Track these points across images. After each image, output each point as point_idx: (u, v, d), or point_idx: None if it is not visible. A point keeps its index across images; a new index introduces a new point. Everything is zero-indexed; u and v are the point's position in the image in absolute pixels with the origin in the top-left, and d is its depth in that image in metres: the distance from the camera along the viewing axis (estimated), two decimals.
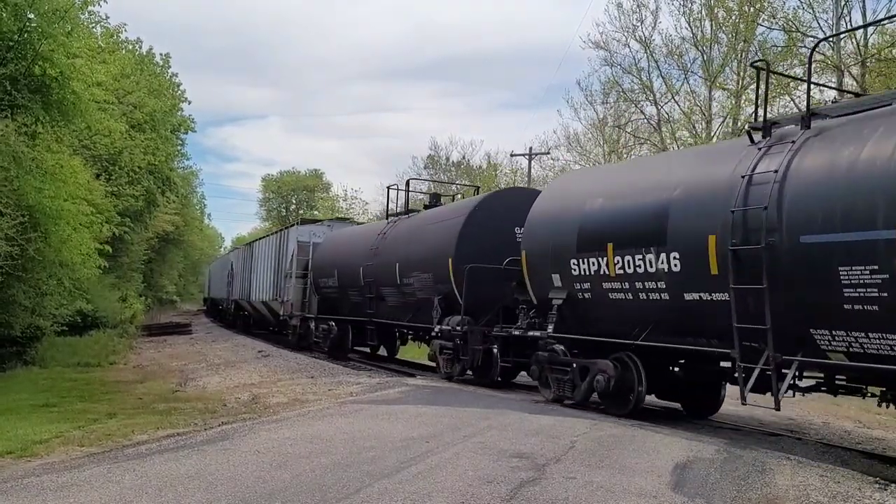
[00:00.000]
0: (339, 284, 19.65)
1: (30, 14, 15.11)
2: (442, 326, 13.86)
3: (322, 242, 22.22)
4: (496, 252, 13.28)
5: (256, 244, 30.01)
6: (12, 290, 16.21)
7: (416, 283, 15.22)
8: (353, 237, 20.76)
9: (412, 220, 17.22)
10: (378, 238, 17.49)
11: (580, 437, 7.93)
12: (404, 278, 15.64)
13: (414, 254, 15.52)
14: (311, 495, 5.43)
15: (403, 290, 15.82)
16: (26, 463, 7.00)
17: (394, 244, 16.70)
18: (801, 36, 24.27)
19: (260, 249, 28.27)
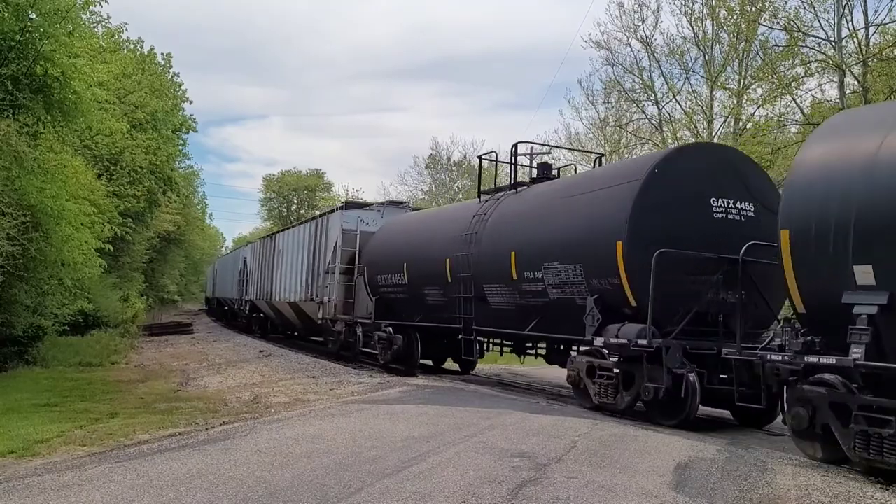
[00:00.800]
0: (410, 282, 15.87)
1: (31, 14, 15.11)
2: (608, 339, 9.98)
3: (378, 231, 18.51)
4: (684, 233, 9.71)
5: (281, 236, 26.23)
6: (14, 289, 16.21)
7: (551, 277, 11.28)
8: (429, 222, 16.77)
9: (533, 192, 13.13)
10: (475, 221, 13.70)
11: (581, 437, 7.93)
12: (527, 272, 11.81)
13: (544, 238, 11.59)
14: (312, 495, 5.43)
15: (524, 287, 11.99)
16: (28, 462, 7.01)
17: (504, 227, 12.90)
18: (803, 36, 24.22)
19: (287, 241, 24.50)
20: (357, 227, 19.02)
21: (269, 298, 26.22)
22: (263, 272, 27.61)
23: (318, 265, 20.20)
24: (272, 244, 26.99)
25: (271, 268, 26.20)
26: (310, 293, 20.61)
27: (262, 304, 28.66)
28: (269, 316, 28.92)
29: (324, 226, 20.29)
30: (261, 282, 28.03)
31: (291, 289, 22.87)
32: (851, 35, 23.33)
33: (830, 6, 23.40)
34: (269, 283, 26.18)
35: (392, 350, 16.23)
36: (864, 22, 23.26)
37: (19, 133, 14.78)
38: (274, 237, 27.48)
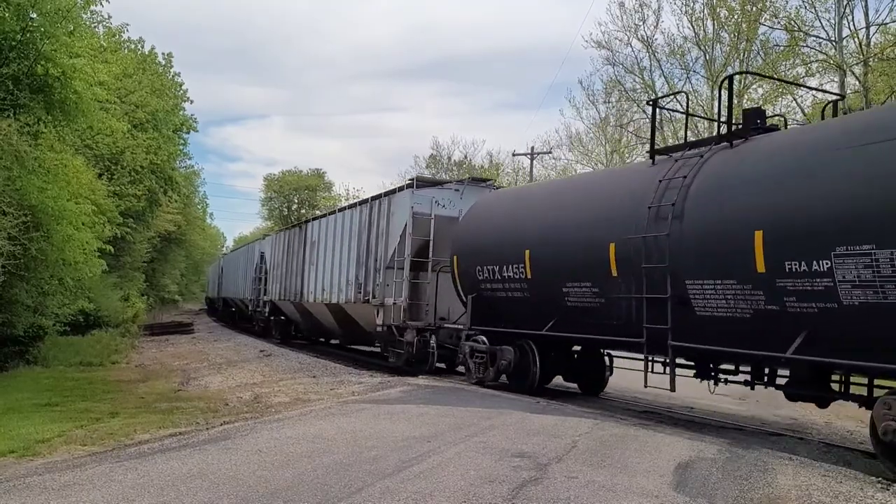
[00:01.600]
0: (535, 277, 11.70)
1: (32, 14, 15.12)
2: None
3: (473, 211, 14.02)
4: None
5: (315, 224, 22.27)
6: (15, 289, 16.23)
7: (853, 269, 7.16)
8: (568, 195, 12.04)
9: (781, 143, 8.75)
10: (663, 188, 9.50)
11: (582, 437, 7.93)
12: (792, 262, 7.70)
13: (834, 208, 7.42)
14: (312, 495, 5.44)
15: (782, 285, 7.83)
16: (29, 462, 7.02)
17: (730, 193, 8.63)
18: (804, 35, 24.23)
19: (324, 231, 20.86)
20: (431, 211, 15.57)
21: (298, 299, 22.71)
22: (290, 268, 24.06)
23: (374, 259, 16.83)
24: (301, 235, 23.35)
25: (301, 263, 22.77)
26: (362, 293, 17.27)
27: (285, 306, 25.25)
28: (294, 320, 25.64)
29: (383, 209, 16.68)
30: (286, 280, 24.39)
31: (332, 288, 19.47)
32: (852, 35, 23.36)
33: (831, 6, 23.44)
34: (299, 281, 22.62)
35: (498, 366, 12.54)
36: (864, 22, 23.31)
37: (20, 133, 14.79)
38: (305, 227, 23.44)
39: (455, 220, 15.24)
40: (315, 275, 21.12)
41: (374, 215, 17.22)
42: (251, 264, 31.91)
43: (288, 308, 25.06)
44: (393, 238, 16.04)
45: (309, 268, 21.90)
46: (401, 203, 16.06)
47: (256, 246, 32.57)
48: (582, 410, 10.31)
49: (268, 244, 29.21)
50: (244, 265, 34.77)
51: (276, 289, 25.97)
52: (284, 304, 25.10)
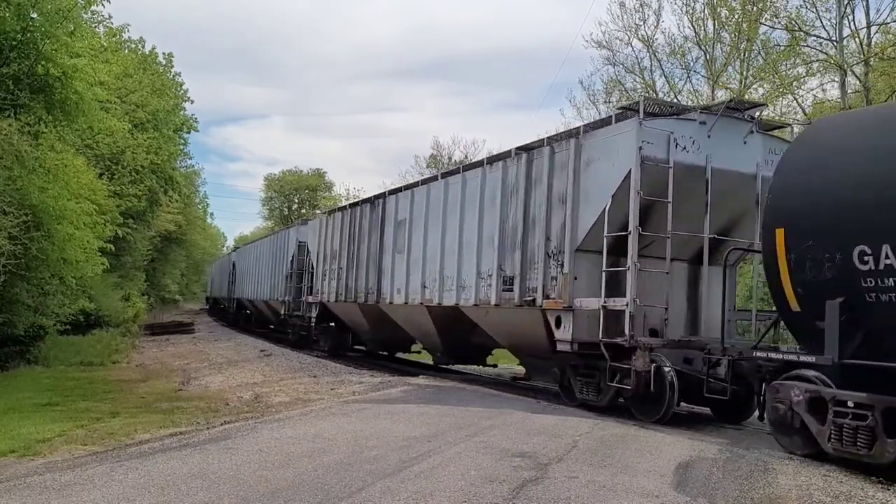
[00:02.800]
0: None
1: (32, 14, 15.13)
2: None
3: (821, 144, 8.19)
4: None
5: (404, 197, 16.29)
6: (15, 288, 16.23)
7: None
8: None
9: None
10: None
11: (582, 437, 7.93)
12: None
13: None
14: (313, 494, 5.44)
15: None
16: (30, 462, 7.02)
17: None
18: (804, 35, 24.21)
19: (425, 202, 15.10)
20: (669, 154, 9.90)
21: (374, 300, 17.01)
22: (354, 260, 18.24)
23: (544, 237, 11.21)
24: (376, 213, 17.44)
25: (377, 252, 17.02)
26: (517, 291, 11.69)
27: (345, 310, 19.32)
28: (356, 327, 19.96)
29: (564, 159, 10.94)
30: (348, 275, 18.58)
31: (445, 284, 14.02)
32: (853, 34, 23.33)
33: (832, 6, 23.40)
34: (374, 276, 17.02)
35: None
36: (865, 21, 23.27)
37: (20, 133, 14.80)
38: (381, 201, 17.30)
39: (700, 170, 10.21)
40: (404, 267, 15.55)
41: (539, 170, 11.45)
42: (282, 258, 25.78)
43: (349, 312, 19.27)
44: (592, 202, 10.40)
45: (392, 258, 16.23)
46: (614, 144, 10.20)
47: (291, 233, 25.45)
48: (582, 411, 10.30)
49: (312, 230, 22.58)
50: (270, 260, 28.14)
51: (329, 287, 19.86)
52: (344, 308, 19.32)
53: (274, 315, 28.99)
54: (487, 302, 12.53)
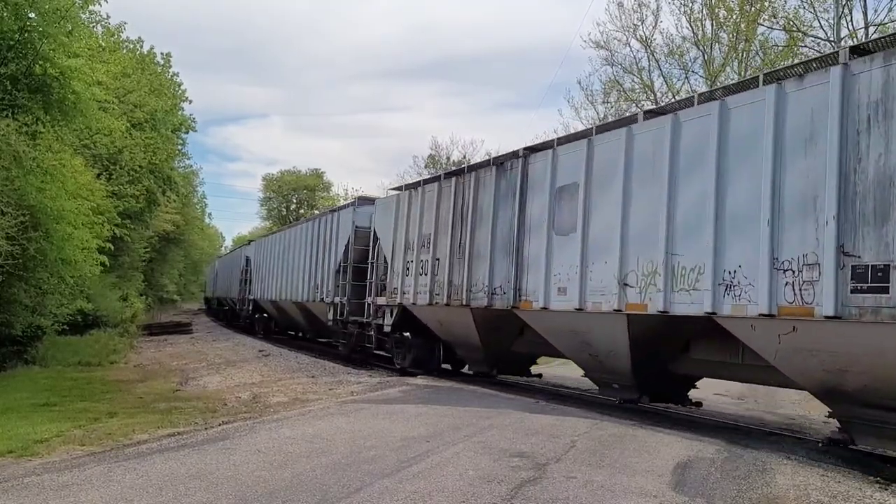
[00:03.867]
0: None
1: (30, 14, 15.11)
2: None
3: None
4: None
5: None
6: (13, 289, 16.21)
7: None
8: None
9: None
10: None
11: (581, 437, 7.93)
12: None
13: None
14: (311, 495, 5.44)
15: None
16: (27, 462, 7.00)
17: None
18: (802, 35, 24.26)
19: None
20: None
21: (561, 303, 11.03)
22: (485, 244, 13.02)
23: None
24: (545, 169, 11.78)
25: (515, 232, 12.23)
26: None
27: (446, 317, 14.54)
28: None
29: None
30: (459, 268, 13.77)
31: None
32: (851, 35, 23.36)
33: (830, 6, 23.44)
34: (510, 267, 12.25)
35: None
36: (863, 22, 23.30)
37: (18, 133, 14.78)
38: (553, 151, 11.66)
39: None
40: (576, 254, 10.79)
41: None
42: (329, 248, 21.05)
43: (448, 320, 14.64)
44: None
45: (547, 241, 11.44)
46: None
47: (344, 216, 20.27)
48: (581, 411, 10.31)
49: (382, 210, 17.55)
50: (307, 252, 23.08)
51: (413, 285, 15.38)
52: (439, 314, 14.80)
53: (309, 320, 23.88)
54: (807, 310, 7.40)
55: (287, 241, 26.05)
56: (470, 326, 13.70)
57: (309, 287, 22.27)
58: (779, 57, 25.31)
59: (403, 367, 15.94)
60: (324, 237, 21.46)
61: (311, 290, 22.10)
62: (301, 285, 23.09)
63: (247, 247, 35.96)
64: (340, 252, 19.81)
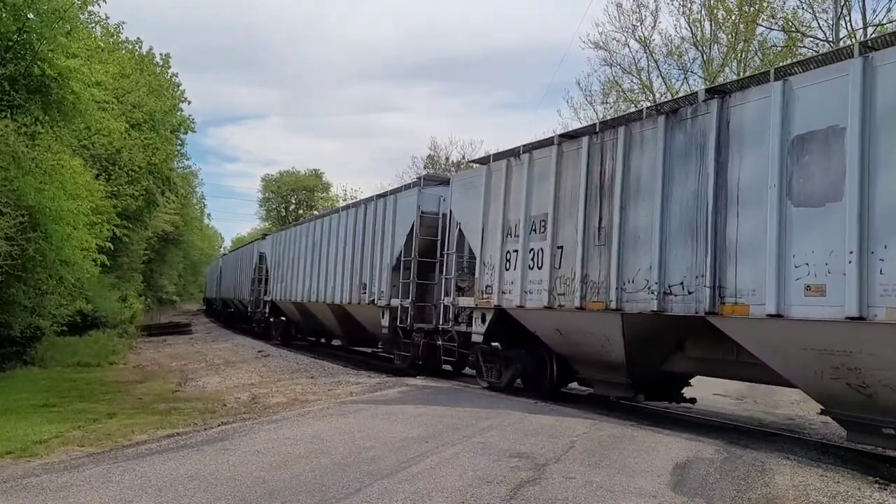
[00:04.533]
0: None
1: (29, 14, 15.10)
2: None
3: None
4: None
5: None
6: (12, 289, 16.21)
7: None
8: None
9: None
10: None
11: (580, 437, 7.93)
12: None
13: None
14: (310, 495, 5.43)
15: None
16: (26, 463, 7.00)
17: None
18: (801, 36, 24.28)
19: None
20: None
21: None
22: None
23: None
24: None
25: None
26: None
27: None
28: None
29: None
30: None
31: None
32: (850, 35, 23.37)
33: (829, 6, 23.46)
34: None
35: None
36: (862, 22, 23.31)
37: (17, 133, 14.78)
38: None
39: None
40: None
41: None
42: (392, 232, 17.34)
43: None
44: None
45: None
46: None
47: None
48: (580, 411, 10.31)
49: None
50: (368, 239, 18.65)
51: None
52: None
53: (348, 326, 20.25)
54: None
55: (318, 234, 22.07)
56: (612, 338, 10.26)
57: (351, 287, 18.71)
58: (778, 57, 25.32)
59: (496, 385, 12.67)
60: (373, 227, 17.77)
61: (353, 291, 18.55)
62: (339, 285, 19.49)
63: (261, 242, 31.77)
64: (399, 244, 16.19)
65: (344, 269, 19.34)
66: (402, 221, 16.26)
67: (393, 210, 16.84)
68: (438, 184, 16.19)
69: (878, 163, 6.96)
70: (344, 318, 20.05)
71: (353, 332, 20.23)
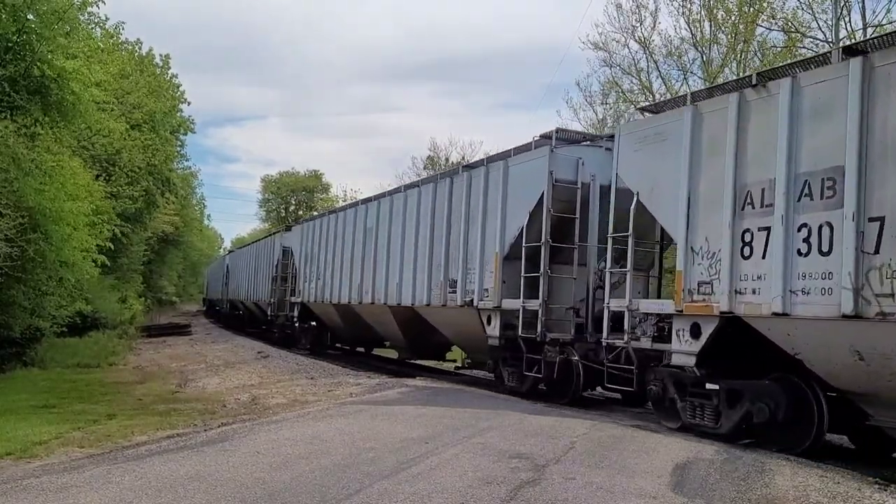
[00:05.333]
0: None
1: (28, 15, 15.09)
2: None
3: None
4: None
5: None
6: (12, 290, 16.20)
7: None
8: None
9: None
10: None
11: (580, 438, 7.93)
12: None
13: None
14: (310, 496, 5.43)
15: None
16: (26, 464, 7.00)
17: None
18: (801, 37, 24.28)
19: None
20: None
21: None
22: None
23: None
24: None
25: None
26: None
27: None
28: None
29: None
30: None
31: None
32: (849, 36, 23.36)
33: (828, 7, 23.45)
34: None
35: None
36: (861, 23, 23.30)
37: (17, 134, 14.77)
38: None
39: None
40: None
41: None
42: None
43: None
44: None
45: None
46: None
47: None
48: (580, 412, 10.31)
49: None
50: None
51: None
52: None
53: (416, 332, 16.32)
54: None
55: (373, 219, 17.94)
56: None
57: (429, 284, 14.82)
58: (777, 58, 25.32)
59: (720, 432, 8.55)
60: (467, 204, 13.79)
61: (433, 289, 14.68)
62: (408, 282, 15.61)
63: (286, 234, 27.55)
64: (517, 226, 12.26)
65: (417, 261, 15.36)
66: (522, 194, 12.30)
67: (503, 180, 12.78)
68: (585, 141, 12.75)
69: None
70: (412, 323, 16.07)
71: (421, 338, 16.56)
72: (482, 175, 13.40)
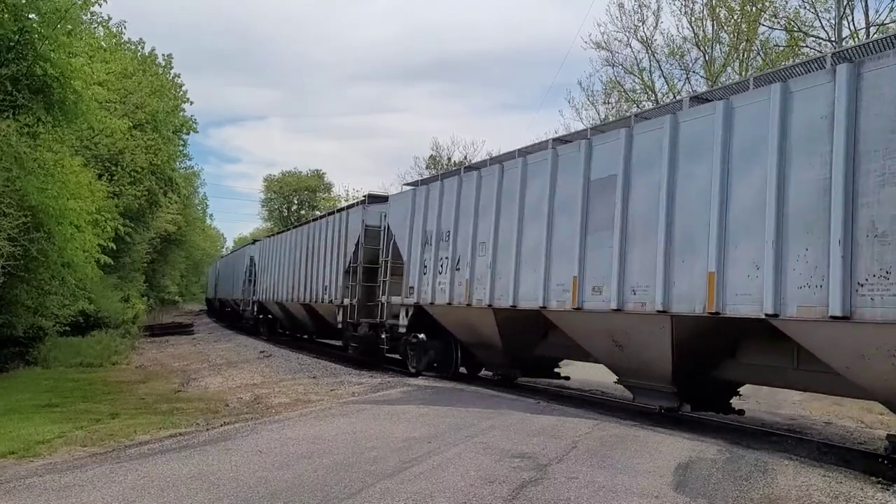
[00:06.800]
0: None
1: (30, 15, 15.12)
2: None
3: None
4: None
5: None
6: (15, 290, 16.23)
7: None
8: None
9: None
10: None
11: (582, 437, 7.93)
12: None
13: None
14: (313, 495, 5.44)
15: None
16: (29, 463, 7.01)
17: None
18: (804, 36, 24.27)
19: None
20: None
21: None
22: None
23: None
24: None
25: None
26: None
27: None
28: None
29: None
30: None
31: None
32: (852, 35, 23.36)
33: (831, 6, 23.45)
34: None
35: None
36: (864, 22, 23.29)
37: (19, 134, 14.79)
38: None
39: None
40: None
41: None
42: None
43: None
44: None
45: None
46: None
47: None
48: (582, 411, 10.31)
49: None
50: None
51: None
52: None
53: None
54: None
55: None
56: None
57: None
58: (780, 57, 25.30)
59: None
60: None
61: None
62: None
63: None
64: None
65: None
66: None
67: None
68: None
69: None
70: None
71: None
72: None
